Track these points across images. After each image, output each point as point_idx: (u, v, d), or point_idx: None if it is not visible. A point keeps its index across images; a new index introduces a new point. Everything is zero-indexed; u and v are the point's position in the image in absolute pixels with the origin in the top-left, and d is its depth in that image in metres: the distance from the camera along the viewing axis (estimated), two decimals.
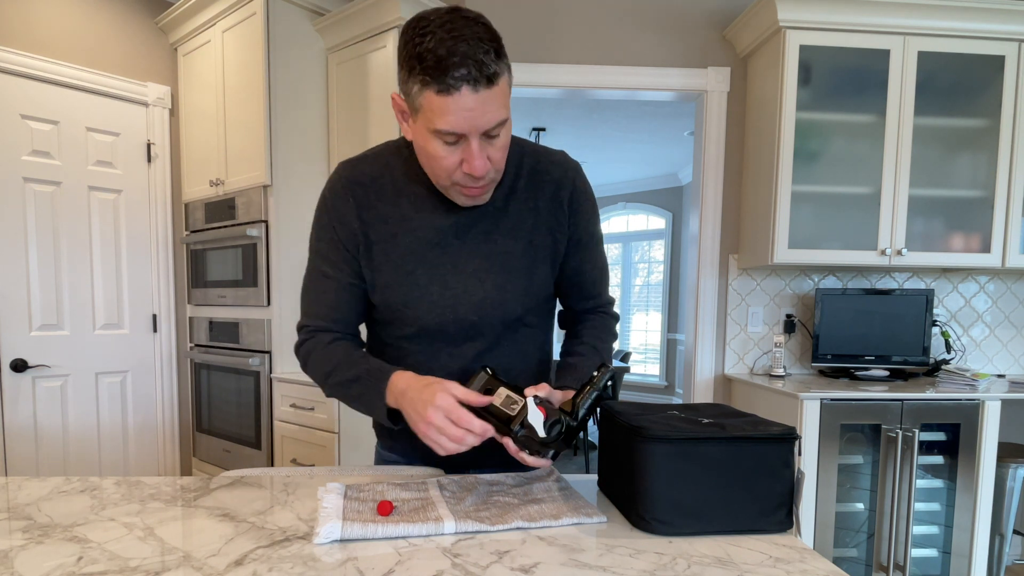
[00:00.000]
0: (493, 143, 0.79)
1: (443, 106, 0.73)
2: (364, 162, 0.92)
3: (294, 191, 2.43)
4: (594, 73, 2.58)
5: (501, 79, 0.74)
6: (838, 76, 2.31)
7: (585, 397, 0.77)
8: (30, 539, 0.68)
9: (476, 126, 0.75)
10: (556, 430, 0.76)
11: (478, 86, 0.72)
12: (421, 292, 0.90)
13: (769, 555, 0.67)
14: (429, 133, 0.77)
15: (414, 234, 0.89)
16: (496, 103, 0.74)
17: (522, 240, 0.92)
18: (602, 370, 0.79)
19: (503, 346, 0.96)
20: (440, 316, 0.91)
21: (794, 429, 0.73)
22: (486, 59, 0.71)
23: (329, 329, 0.94)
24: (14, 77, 2.28)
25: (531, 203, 0.92)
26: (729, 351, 2.70)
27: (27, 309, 2.35)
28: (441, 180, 0.83)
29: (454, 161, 0.79)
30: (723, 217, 2.67)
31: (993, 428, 2.15)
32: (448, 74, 0.71)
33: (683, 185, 6.37)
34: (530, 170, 0.93)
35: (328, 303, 0.93)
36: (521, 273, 0.92)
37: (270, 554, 0.64)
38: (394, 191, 0.90)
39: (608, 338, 1.04)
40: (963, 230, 2.38)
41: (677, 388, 6.55)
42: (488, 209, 0.91)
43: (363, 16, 2.32)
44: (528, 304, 0.95)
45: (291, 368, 2.45)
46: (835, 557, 2.19)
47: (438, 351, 0.94)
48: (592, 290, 1.04)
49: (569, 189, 0.94)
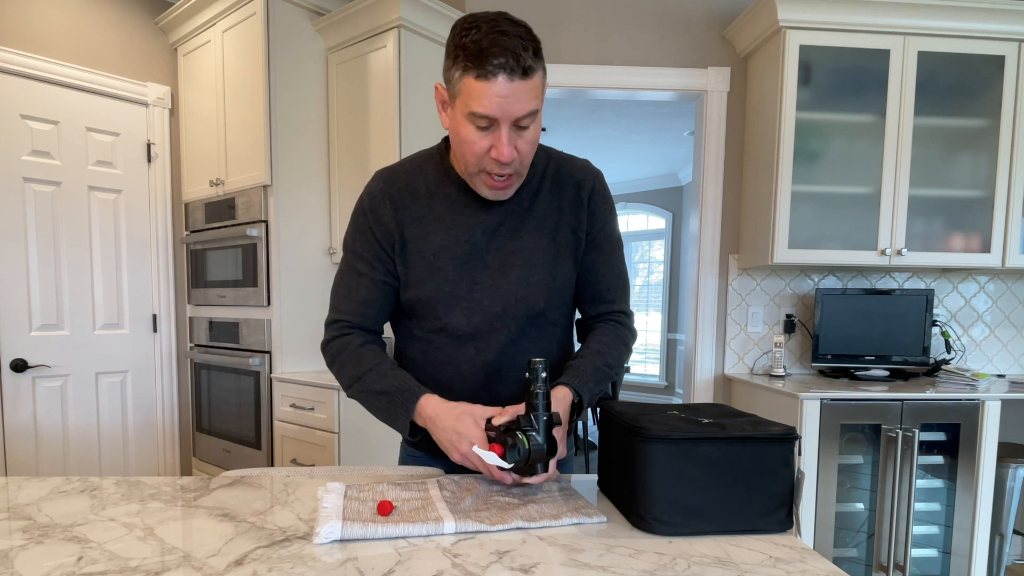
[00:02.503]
0: (522, 135, 0.85)
1: (480, 90, 0.80)
2: (400, 168, 1.00)
3: (294, 191, 2.43)
4: (594, 73, 2.58)
5: (536, 74, 0.82)
6: (838, 76, 2.31)
7: (534, 399, 0.79)
8: (30, 539, 0.68)
9: (508, 113, 0.81)
10: (512, 455, 0.78)
11: (514, 76, 0.79)
12: (451, 287, 0.95)
13: (769, 555, 0.67)
14: (464, 117, 0.84)
15: (446, 232, 0.95)
16: (529, 95, 0.81)
17: (546, 237, 0.98)
18: (534, 364, 0.79)
19: (527, 341, 0.99)
20: (467, 310, 0.96)
21: (794, 429, 0.73)
22: (524, 54, 0.79)
23: (358, 326, 0.99)
24: (14, 77, 2.29)
25: (555, 203, 0.98)
26: (729, 351, 2.70)
27: (27, 309, 2.35)
28: (470, 167, 0.89)
29: (484, 147, 0.85)
30: (723, 217, 2.67)
31: (993, 428, 2.15)
32: (488, 61, 0.78)
33: (683, 185, 6.37)
34: (555, 173, 1.00)
35: (359, 299, 0.98)
36: (544, 269, 0.97)
37: (270, 554, 0.64)
38: (427, 193, 0.97)
39: (616, 344, 1.01)
40: (963, 230, 2.38)
41: (677, 388, 6.55)
42: (515, 208, 0.97)
43: (363, 16, 2.32)
44: (551, 300, 0.99)
45: (291, 368, 2.45)
46: (835, 557, 2.19)
47: (464, 345, 0.98)
48: (606, 294, 1.04)
49: (589, 189, 1.00)
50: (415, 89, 2.36)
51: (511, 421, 0.82)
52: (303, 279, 2.47)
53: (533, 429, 0.79)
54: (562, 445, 0.85)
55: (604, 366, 0.96)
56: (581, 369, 0.94)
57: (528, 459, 0.78)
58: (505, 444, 0.78)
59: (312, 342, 2.51)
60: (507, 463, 0.78)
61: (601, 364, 0.96)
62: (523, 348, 0.99)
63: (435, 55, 2.46)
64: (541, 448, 0.78)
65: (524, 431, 0.79)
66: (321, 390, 2.19)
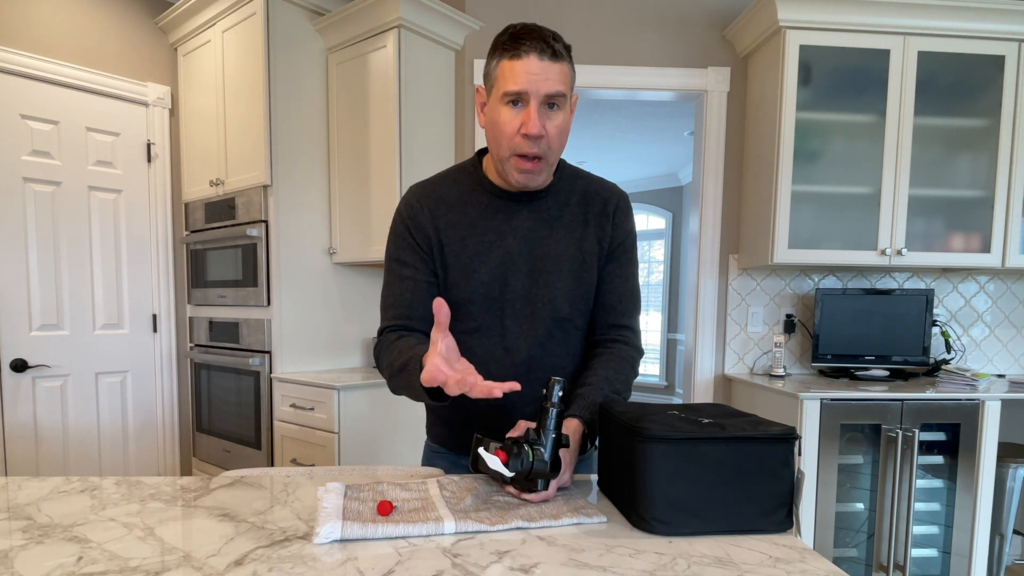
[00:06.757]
0: (551, 116, 0.91)
1: (512, 68, 0.88)
2: (433, 180, 1.06)
3: (294, 191, 2.43)
4: (594, 73, 2.58)
5: (564, 62, 0.90)
6: (838, 76, 2.31)
7: (546, 416, 0.81)
8: (30, 539, 0.68)
9: (538, 88, 0.88)
10: (515, 463, 0.78)
11: (543, 56, 0.88)
12: (485, 290, 1.00)
13: (769, 555, 0.67)
14: (498, 101, 0.91)
15: (480, 237, 1.01)
16: (558, 76, 0.89)
17: (573, 245, 1.03)
18: (552, 381, 0.81)
19: (553, 344, 1.03)
20: (500, 312, 1.01)
21: (794, 429, 0.73)
22: (555, 45, 0.89)
23: (404, 327, 1.02)
24: (14, 77, 2.28)
25: (582, 215, 1.04)
26: (729, 351, 2.70)
27: (27, 309, 2.35)
28: (503, 150, 0.94)
29: (515, 126, 0.91)
30: (723, 217, 2.67)
31: (993, 428, 2.15)
32: (521, 45, 0.88)
33: (683, 185, 6.36)
34: (583, 190, 1.06)
35: (406, 303, 1.02)
36: (570, 275, 1.02)
37: (270, 554, 0.64)
38: (461, 201, 1.02)
39: (623, 367, 1.02)
40: (963, 230, 2.38)
41: (677, 388, 6.55)
42: (544, 216, 1.02)
43: (363, 16, 2.32)
44: (575, 305, 1.03)
45: (291, 368, 2.45)
46: (835, 557, 2.19)
47: (495, 345, 1.02)
48: (617, 306, 1.05)
49: (615, 205, 1.06)
50: (415, 89, 2.36)
51: (521, 435, 0.83)
52: (303, 279, 2.47)
53: (540, 444, 0.79)
54: (568, 471, 0.87)
55: (613, 393, 0.98)
56: (591, 401, 0.95)
57: (530, 472, 0.79)
58: (510, 452, 0.78)
59: (312, 342, 2.51)
60: (508, 471, 0.78)
61: (610, 392, 0.98)
62: (551, 351, 1.03)
63: (435, 55, 2.46)
64: (544, 463, 0.79)
65: (531, 444, 0.79)
66: (321, 390, 2.19)
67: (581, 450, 0.93)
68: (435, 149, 2.49)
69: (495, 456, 0.78)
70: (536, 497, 0.81)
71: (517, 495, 0.83)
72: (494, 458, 0.78)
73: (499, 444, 0.81)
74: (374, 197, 2.39)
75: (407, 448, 2.41)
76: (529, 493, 0.81)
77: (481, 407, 1.03)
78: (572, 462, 0.88)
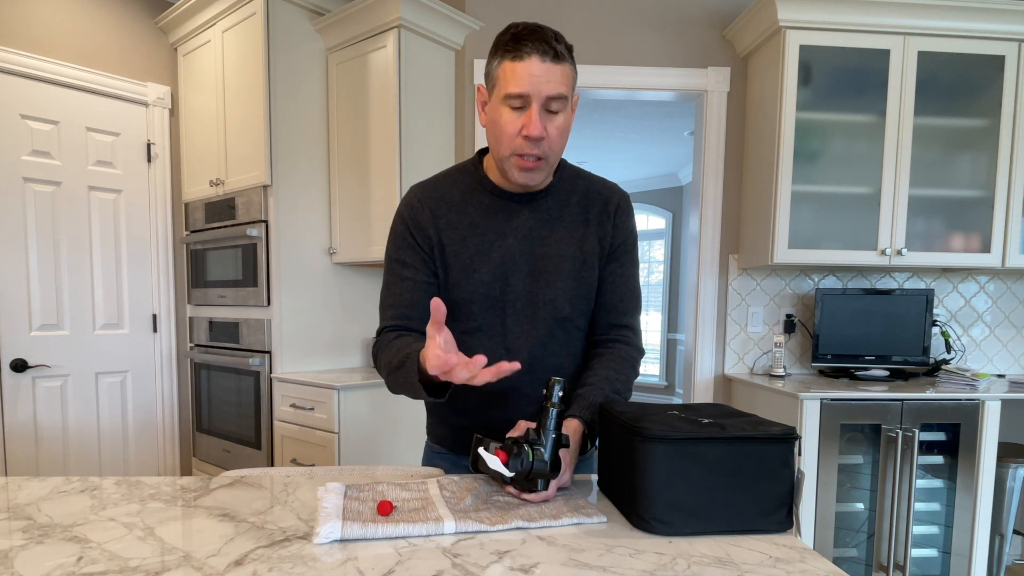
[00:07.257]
0: (552, 120, 0.91)
1: (513, 70, 0.88)
2: (433, 181, 1.06)
3: (294, 191, 2.43)
4: (594, 73, 2.58)
5: (566, 63, 0.90)
6: (838, 76, 2.31)
7: (546, 416, 0.81)
8: (30, 539, 0.68)
9: (539, 90, 0.88)
10: (515, 463, 0.78)
11: (545, 58, 0.87)
12: (486, 289, 1.00)
13: (769, 555, 0.67)
14: (500, 102, 0.91)
15: (481, 237, 1.00)
16: (559, 78, 0.89)
17: (573, 245, 1.02)
18: (552, 381, 0.81)
19: (554, 344, 1.03)
20: (500, 312, 1.01)
21: (794, 429, 0.73)
22: (557, 46, 0.88)
23: (403, 328, 1.01)
24: (14, 77, 2.28)
25: (583, 215, 1.04)
26: (729, 351, 2.70)
27: (27, 309, 2.35)
28: (503, 150, 0.93)
29: (516, 127, 0.91)
30: (723, 217, 2.67)
31: (993, 428, 2.15)
32: (523, 46, 0.87)
33: (683, 185, 6.36)
34: (584, 190, 1.05)
35: (405, 303, 1.01)
36: (571, 275, 1.02)
37: (270, 554, 0.64)
38: (462, 201, 1.02)
39: (624, 367, 1.02)
40: (963, 230, 2.38)
41: (677, 388, 6.54)
42: (545, 216, 1.02)
43: (363, 16, 2.32)
44: (576, 305, 1.03)
45: (291, 368, 2.45)
46: (835, 557, 2.19)
47: (496, 345, 1.02)
48: (618, 305, 1.05)
49: (616, 204, 1.05)
50: (415, 89, 2.36)
51: (521, 435, 0.83)
52: (303, 279, 2.47)
53: (540, 444, 0.79)
54: (568, 471, 0.87)
55: (613, 393, 0.98)
56: (591, 401, 0.95)
57: (530, 472, 0.79)
58: (510, 452, 0.79)
59: (312, 342, 2.51)
60: (508, 471, 0.78)
61: (610, 392, 0.98)
62: (552, 351, 1.03)
63: (435, 55, 2.46)
64: (544, 463, 0.79)
65: (531, 444, 0.79)
66: (321, 390, 2.19)
67: (581, 450, 0.93)
68: (435, 149, 2.49)
69: (495, 456, 0.79)
70: (536, 497, 0.81)
71: (517, 495, 0.83)
72: (494, 458, 0.78)
73: (499, 444, 0.81)
74: (374, 197, 2.39)
75: (407, 448, 2.41)
76: (529, 493, 0.81)
77: (481, 407, 1.03)
78: (572, 462, 0.88)
